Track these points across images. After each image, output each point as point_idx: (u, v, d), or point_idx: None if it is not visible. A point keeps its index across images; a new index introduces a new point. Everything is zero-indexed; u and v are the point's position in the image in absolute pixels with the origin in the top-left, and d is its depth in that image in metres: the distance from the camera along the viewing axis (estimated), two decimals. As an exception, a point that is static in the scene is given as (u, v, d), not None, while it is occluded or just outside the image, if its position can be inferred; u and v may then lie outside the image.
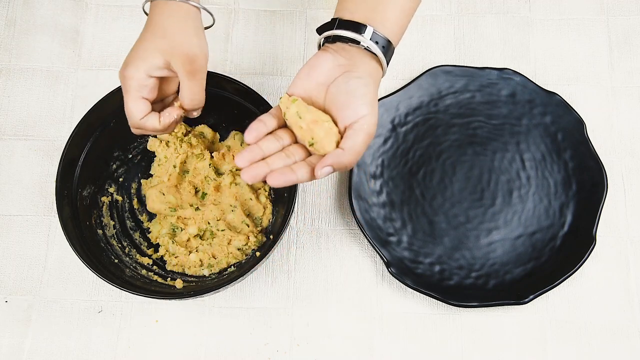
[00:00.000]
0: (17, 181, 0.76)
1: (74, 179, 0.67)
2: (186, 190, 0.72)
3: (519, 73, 0.77)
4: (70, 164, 0.67)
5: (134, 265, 0.69)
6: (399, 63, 0.81)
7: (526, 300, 0.68)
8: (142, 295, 0.61)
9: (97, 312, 0.71)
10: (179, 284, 0.67)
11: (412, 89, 0.77)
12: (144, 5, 0.60)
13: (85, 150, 0.68)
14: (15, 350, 0.69)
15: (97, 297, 0.72)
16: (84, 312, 0.71)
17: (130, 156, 0.74)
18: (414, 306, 0.71)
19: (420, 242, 0.73)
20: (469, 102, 0.78)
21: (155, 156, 0.75)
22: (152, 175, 0.75)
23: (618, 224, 0.74)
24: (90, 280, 0.72)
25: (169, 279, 0.69)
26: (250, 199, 0.72)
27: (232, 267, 0.70)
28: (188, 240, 0.71)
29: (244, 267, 0.68)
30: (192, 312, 0.71)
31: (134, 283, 0.65)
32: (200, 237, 0.72)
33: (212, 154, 0.73)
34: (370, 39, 0.54)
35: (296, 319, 0.71)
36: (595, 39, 0.81)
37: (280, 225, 0.66)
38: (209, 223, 0.71)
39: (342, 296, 0.71)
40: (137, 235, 0.73)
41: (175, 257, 0.71)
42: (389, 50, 0.56)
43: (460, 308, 0.70)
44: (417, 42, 0.82)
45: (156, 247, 0.72)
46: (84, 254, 0.63)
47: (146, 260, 0.71)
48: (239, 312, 0.71)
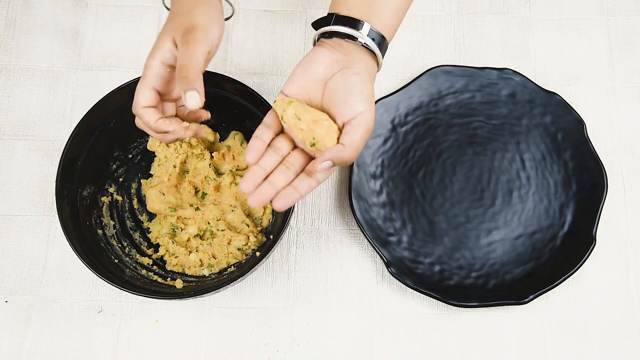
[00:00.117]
0: (17, 181, 0.75)
1: (74, 179, 0.67)
2: (186, 190, 0.72)
3: (519, 73, 0.77)
4: (70, 164, 0.67)
5: (134, 265, 0.69)
6: (399, 63, 0.81)
7: (526, 300, 0.68)
8: (142, 295, 0.61)
9: (97, 312, 0.71)
10: (179, 284, 0.67)
11: (412, 89, 0.77)
12: (164, 0, 0.61)
13: (85, 150, 0.68)
14: (15, 350, 0.70)
15: (97, 297, 0.72)
16: (84, 312, 0.71)
17: (130, 156, 0.74)
18: (414, 306, 0.71)
19: (420, 242, 0.73)
20: (469, 102, 0.78)
21: (155, 156, 0.75)
22: (152, 175, 0.75)
23: (618, 224, 0.74)
24: (90, 280, 0.72)
25: (169, 279, 0.69)
26: (251, 199, 0.72)
27: (232, 267, 0.70)
28: (188, 240, 0.71)
29: (244, 267, 0.68)
30: (192, 312, 0.71)
31: (134, 283, 0.65)
32: (200, 237, 0.72)
33: (212, 154, 0.73)
34: (367, 35, 0.55)
35: (296, 319, 0.71)
36: (595, 39, 0.81)
37: (280, 225, 0.66)
38: (209, 223, 0.71)
39: (342, 296, 0.71)
40: (137, 235, 0.73)
41: (175, 257, 0.71)
42: (383, 46, 0.56)
43: (460, 308, 0.70)
44: (417, 42, 0.82)
45: (156, 247, 0.72)
46: (84, 254, 0.63)
47: (146, 260, 0.71)
48: (239, 312, 0.71)
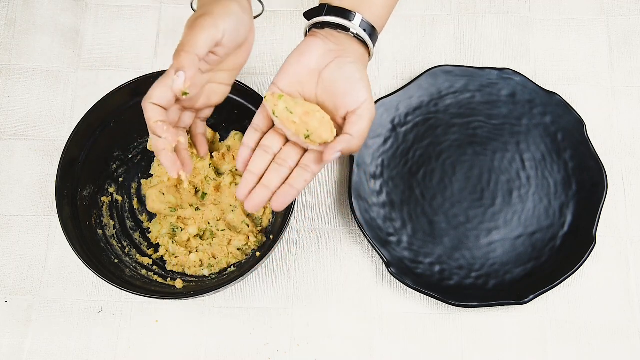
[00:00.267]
0: (17, 181, 0.76)
1: (74, 179, 0.67)
2: (186, 190, 0.72)
3: (519, 73, 0.77)
4: (70, 164, 0.67)
5: (134, 265, 0.69)
6: (399, 63, 0.81)
7: (526, 300, 0.68)
8: (142, 295, 0.61)
9: (97, 312, 0.71)
10: (179, 284, 0.67)
11: (412, 89, 0.77)
12: (192, 2, 0.64)
13: (85, 150, 0.68)
14: (15, 350, 0.70)
15: (97, 297, 0.72)
16: (84, 312, 0.71)
17: (130, 156, 0.74)
18: (414, 306, 0.71)
19: (420, 242, 0.73)
20: (469, 102, 0.78)
21: (155, 156, 0.75)
22: (152, 175, 0.75)
23: (618, 224, 0.74)
24: (90, 280, 0.72)
25: (169, 279, 0.69)
26: (250, 199, 0.72)
27: (232, 267, 0.70)
28: (188, 240, 0.71)
29: (244, 267, 0.68)
30: (192, 312, 0.71)
31: (134, 283, 0.65)
32: (200, 237, 0.72)
33: (212, 154, 0.73)
34: (359, 26, 0.55)
35: (296, 319, 0.71)
36: (595, 39, 0.81)
37: (280, 225, 0.66)
38: (209, 223, 0.71)
39: (342, 296, 0.71)
40: (137, 235, 0.73)
41: (175, 257, 0.71)
42: (374, 36, 0.57)
43: (460, 308, 0.70)
44: (417, 42, 0.82)
45: (156, 247, 0.72)
46: (84, 254, 0.63)
47: (146, 260, 0.71)
48: (239, 312, 0.71)
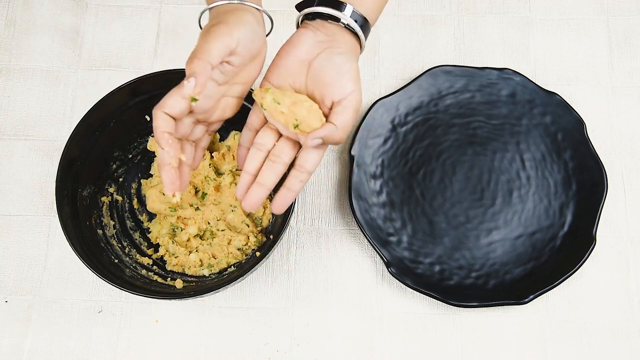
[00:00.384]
0: (17, 181, 0.75)
1: (74, 179, 0.67)
2: (186, 190, 0.72)
3: (519, 73, 0.77)
4: (70, 164, 0.67)
5: (134, 265, 0.69)
6: (399, 63, 0.81)
7: (526, 300, 0.68)
8: (142, 295, 0.61)
9: (97, 312, 0.71)
10: (179, 284, 0.67)
11: (412, 89, 0.77)
12: (200, 18, 0.58)
13: (85, 150, 0.68)
14: (15, 350, 0.70)
15: (97, 297, 0.72)
16: (84, 312, 0.71)
17: (130, 156, 0.74)
18: (414, 306, 0.71)
19: (420, 242, 0.73)
20: (469, 102, 0.78)
21: (155, 156, 0.75)
22: (152, 175, 0.75)
23: (618, 224, 0.74)
24: (90, 280, 0.72)
25: (169, 279, 0.69)
26: (250, 199, 0.72)
27: (232, 267, 0.70)
28: (188, 240, 0.71)
29: (244, 267, 0.68)
30: (192, 312, 0.71)
31: (134, 283, 0.65)
32: (200, 237, 0.72)
33: (212, 154, 0.73)
34: (350, 16, 0.55)
35: (296, 319, 0.71)
36: (595, 39, 0.81)
37: (280, 225, 0.66)
38: (209, 223, 0.71)
39: (342, 296, 0.71)
40: (137, 235, 0.73)
41: (175, 257, 0.71)
42: (366, 28, 0.57)
43: (460, 308, 0.70)
44: (417, 42, 0.82)
45: (156, 247, 0.72)
46: (84, 254, 0.63)
47: (146, 260, 0.71)
48: (239, 312, 0.71)
